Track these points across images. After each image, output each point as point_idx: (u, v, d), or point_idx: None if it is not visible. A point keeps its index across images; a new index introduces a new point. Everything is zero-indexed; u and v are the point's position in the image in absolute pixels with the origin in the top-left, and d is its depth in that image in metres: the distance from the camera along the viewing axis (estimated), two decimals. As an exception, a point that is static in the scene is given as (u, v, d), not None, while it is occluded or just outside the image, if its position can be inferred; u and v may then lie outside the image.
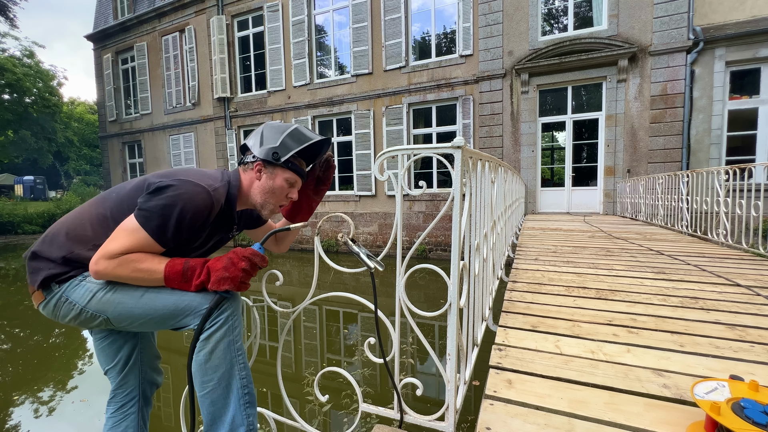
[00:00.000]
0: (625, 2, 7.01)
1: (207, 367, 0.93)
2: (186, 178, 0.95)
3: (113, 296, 0.93)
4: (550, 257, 2.93)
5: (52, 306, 0.95)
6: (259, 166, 1.08)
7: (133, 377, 1.15)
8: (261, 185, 1.09)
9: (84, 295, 0.93)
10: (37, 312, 0.96)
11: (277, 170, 1.08)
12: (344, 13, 9.80)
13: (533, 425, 0.87)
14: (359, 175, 9.67)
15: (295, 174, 1.11)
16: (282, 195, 1.11)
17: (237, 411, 0.94)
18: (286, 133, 1.08)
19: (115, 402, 1.14)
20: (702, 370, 1.10)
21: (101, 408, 2.99)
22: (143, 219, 0.90)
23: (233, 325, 0.96)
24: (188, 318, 0.94)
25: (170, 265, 0.92)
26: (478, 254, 1.32)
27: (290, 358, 3.83)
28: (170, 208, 0.90)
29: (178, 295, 0.94)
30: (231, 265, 0.92)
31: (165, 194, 0.91)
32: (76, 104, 35.05)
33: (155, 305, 0.94)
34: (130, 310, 0.94)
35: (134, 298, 0.94)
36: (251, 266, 0.93)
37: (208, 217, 0.98)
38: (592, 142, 7.87)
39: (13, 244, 13.05)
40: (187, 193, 0.92)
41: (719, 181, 3.81)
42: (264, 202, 1.10)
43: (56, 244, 0.96)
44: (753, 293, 1.89)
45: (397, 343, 1.05)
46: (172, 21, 12.38)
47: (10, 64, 20.51)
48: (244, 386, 0.97)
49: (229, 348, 0.94)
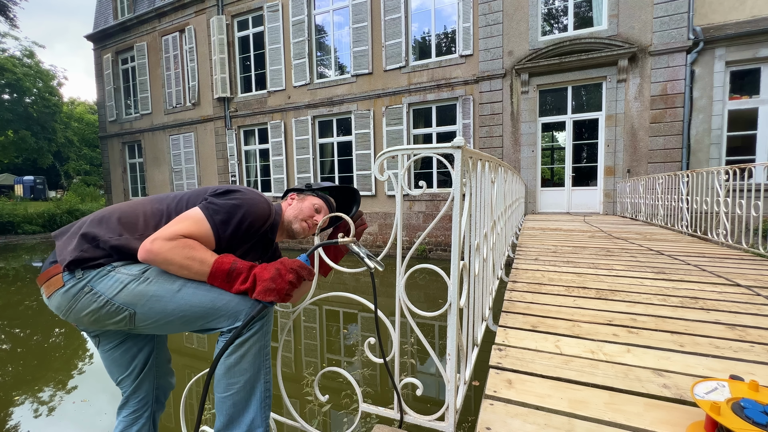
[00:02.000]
0: (625, 2, 7.01)
1: (235, 370, 0.93)
2: (251, 191, 1.06)
3: (147, 287, 0.88)
4: (550, 257, 2.92)
5: (72, 294, 0.88)
6: (293, 195, 1.26)
7: (148, 383, 1.11)
8: (293, 207, 1.22)
9: (113, 286, 0.87)
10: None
11: (307, 196, 1.24)
12: (344, 13, 9.80)
13: (533, 425, 0.87)
14: (359, 175, 9.67)
15: (321, 201, 1.23)
16: (308, 215, 1.19)
17: (257, 414, 0.96)
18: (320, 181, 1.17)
19: (128, 407, 1.10)
20: (702, 370, 1.10)
21: (102, 407, 2.99)
22: (210, 211, 0.95)
23: (266, 331, 0.98)
24: (220, 320, 0.92)
25: (219, 261, 0.92)
26: (478, 254, 1.32)
27: (290, 358, 3.83)
28: (237, 208, 0.98)
29: (216, 293, 0.92)
30: (278, 277, 0.91)
31: (234, 196, 1.00)
32: (76, 104, 35.04)
33: (192, 301, 0.90)
34: (163, 305, 0.89)
35: (170, 293, 0.89)
36: (297, 279, 0.94)
37: (262, 227, 1.06)
38: (592, 142, 7.87)
39: (13, 244, 13.05)
40: (253, 200, 1.02)
41: (719, 181, 3.81)
42: (293, 219, 1.19)
43: (107, 226, 0.94)
44: (753, 293, 1.89)
45: (397, 343, 1.05)
46: (172, 21, 12.38)
47: (10, 64, 20.53)
48: (267, 390, 0.99)
49: (259, 353, 0.97)
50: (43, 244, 13.10)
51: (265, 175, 11.36)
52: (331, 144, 10.29)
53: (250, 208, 1.00)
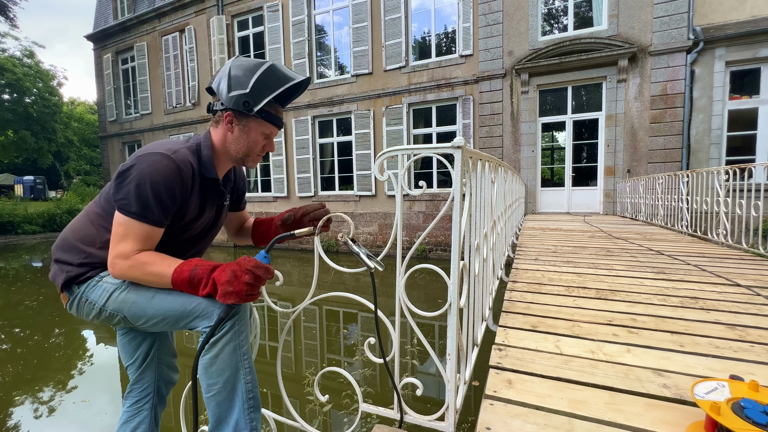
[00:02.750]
0: (625, 2, 7.01)
1: (212, 370, 0.92)
2: (144, 152, 0.92)
3: (127, 296, 0.95)
4: (550, 257, 2.92)
5: (76, 305, 0.99)
6: (230, 118, 1.00)
7: (149, 374, 1.17)
8: (235, 138, 1.02)
9: (101, 295, 0.95)
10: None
11: (251, 122, 1.01)
12: (344, 13, 9.80)
13: (533, 425, 0.87)
14: (359, 175, 9.67)
15: (271, 125, 1.03)
16: (258, 148, 1.05)
17: (241, 415, 0.94)
18: (258, 76, 0.96)
19: (132, 396, 1.17)
20: (702, 370, 1.10)
21: (103, 407, 2.99)
22: (124, 209, 0.89)
23: (239, 330, 0.94)
24: (197, 320, 0.93)
25: (178, 271, 0.90)
26: (478, 254, 1.32)
27: (290, 358, 3.83)
28: (141, 186, 0.88)
29: (186, 297, 0.93)
30: (234, 279, 0.86)
31: (130, 175, 0.88)
32: (76, 104, 35.05)
33: (165, 307, 0.94)
34: (143, 310, 0.95)
35: (146, 299, 0.94)
36: (255, 279, 0.87)
37: (183, 181, 0.93)
38: (592, 142, 7.87)
39: (13, 244, 13.05)
40: (149, 165, 0.89)
41: (719, 181, 3.81)
42: (243, 156, 1.05)
43: (70, 249, 0.99)
44: (753, 293, 1.89)
45: (397, 343, 1.05)
46: (172, 21, 12.38)
47: (10, 64, 20.52)
48: (249, 390, 0.96)
49: (234, 352, 0.93)
50: (43, 244, 13.10)
51: (265, 175, 11.36)
52: (331, 144, 10.29)
53: (153, 175, 0.88)
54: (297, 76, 1.01)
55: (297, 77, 1.01)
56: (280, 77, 0.98)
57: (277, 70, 0.98)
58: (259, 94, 0.96)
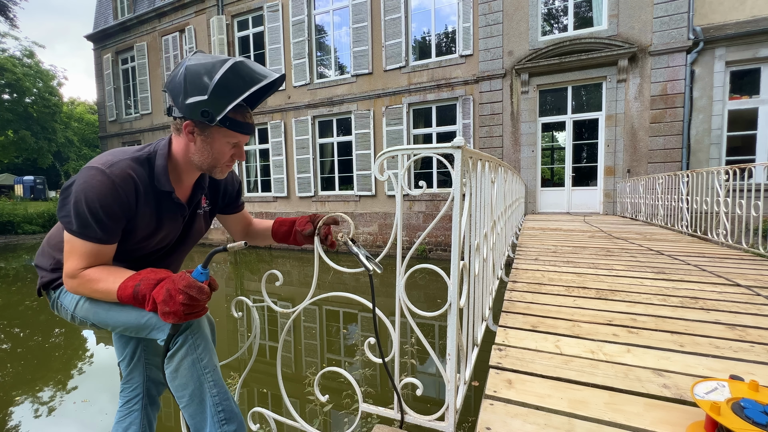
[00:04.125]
0: (625, 2, 7.01)
1: (176, 385, 0.90)
2: (86, 166, 0.86)
3: (90, 306, 0.96)
4: (550, 257, 2.92)
5: (56, 308, 1.02)
6: (190, 128, 0.89)
7: (138, 374, 1.17)
8: (198, 149, 0.92)
9: (70, 303, 0.98)
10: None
11: (214, 132, 0.89)
12: (344, 13, 9.80)
13: (533, 425, 0.87)
14: (359, 175, 9.67)
15: (239, 133, 0.92)
16: (225, 158, 0.95)
17: (212, 428, 0.91)
18: (218, 79, 0.81)
19: (123, 395, 1.17)
20: (702, 370, 1.10)
21: (103, 407, 2.99)
22: (67, 226, 0.85)
23: (195, 343, 0.89)
24: (155, 332, 0.91)
25: (122, 288, 0.85)
26: (478, 254, 1.32)
27: (290, 358, 3.83)
28: (77, 204, 0.82)
29: (137, 311, 0.91)
30: (169, 299, 0.78)
31: (68, 192, 0.85)
32: (76, 104, 35.06)
33: (122, 320, 0.93)
34: (104, 321, 0.96)
35: (104, 310, 0.94)
36: (189, 299, 0.77)
37: (121, 197, 0.85)
38: (592, 142, 7.87)
39: (13, 244, 13.05)
40: (84, 182, 0.82)
41: (719, 181, 3.81)
42: (210, 167, 0.96)
43: (44, 254, 1.02)
44: (753, 293, 1.89)
45: (397, 344, 1.05)
46: (172, 21, 12.38)
47: (10, 64, 20.52)
48: (217, 404, 0.91)
49: (193, 366, 0.89)
50: (43, 244, 13.11)
51: (265, 175, 11.36)
52: (331, 144, 10.29)
53: (87, 193, 0.82)
54: (265, 76, 0.87)
55: (265, 78, 0.87)
56: (245, 78, 0.84)
57: (240, 70, 0.84)
58: (220, 101, 0.83)
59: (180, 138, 0.93)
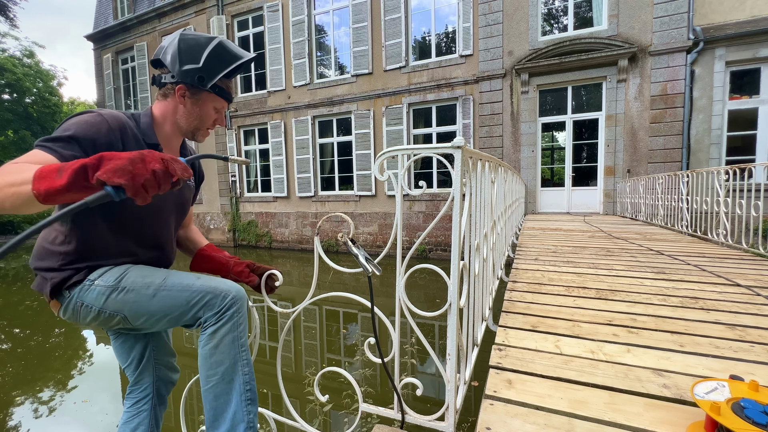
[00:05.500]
0: (625, 2, 7.01)
1: (211, 361, 0.94)
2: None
3: (126, 296, 0.94)
4: (550, 257, 2.93)
5: (71, 311, 0.96)
6: (182, 91, 0.98)
7: (148, 375, 1.17)
8: (188, 111, 1.01)
9: (97, 298, 0.94)
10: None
11: (203, 95, 1.00)
12: (344, 13, 9.80)
13: (533, 425, 0.87)
14: (359, 175, 9.67)
15: (222, 99, 1.04)
16: (209, 122, 1.05)
17: (238, 407, 0.95)
18: (209, 51, 0.96)
19: (131, 398, 1.16)
20: (702, 370, 1.10)
21: (103, 406, 2.99)
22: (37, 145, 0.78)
23: (238, 322, 0.96)
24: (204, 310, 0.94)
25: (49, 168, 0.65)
26: (478, 254, 1.32)
27: (290, 358, 3.83)
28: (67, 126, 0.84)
29: (188, 293, 0.94)
30: (140, 161, 0.63)
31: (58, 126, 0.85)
32: (77, 104, 35.04)
33: (168, 302, 0.94)
34: (145, 308, 0.94)
35: (147, 298, 0.94)
36: (164, 173, 0.65)
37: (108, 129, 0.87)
38: (592, 142, 7.87)
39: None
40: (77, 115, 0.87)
41: (719, 181, 3.81)
42: (194, 129, 1.04)
43: (45, 253, 0.96)
44: (753, 293, 1.89)
45: (397, 344, 1.05)
46: (172, 21, 12.37)
47: (10, 64, 20.52)
48: (246, 383, 0.97)
49: (233, 344, 0.95)
50: (43, 244, 13.11)
51: (265, 175, 11.35)
52: (331, 144, 10.29)
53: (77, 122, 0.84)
54: (246, 54, 1.03)
55: (247, 55, 1.03)
56: (230, 53, 1.00)
57: (227, 45, 1.00)
58: (212, 70, 0.97)
59: (166, 102, 1.01)
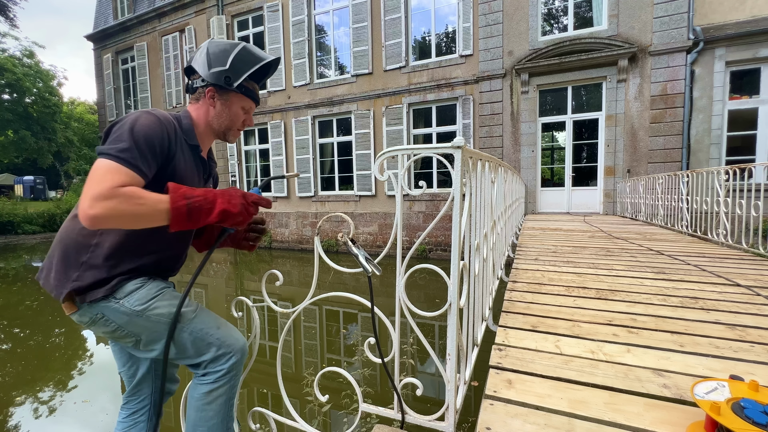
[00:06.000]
0: (625, 2, 7.01)
1: (202, 415, 1.00)
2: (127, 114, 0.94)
3: (148, 324, 0.96)
4: (550, 257, 2.92)
5: (88, 318, 0.95)
6: (212, 93, 1.03)
7: (147, 386, 1.15)
8: (217, 112, 1.06)
9: (120, 317, 0.95)
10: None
11: (231, 96, 1.05)
12: (344, 13, 9.79)
13: (533, 425, 0.87)
14: (359, 175, 9.67)
15: (250, 99, 1.09)
16: (239, 122, 1.09)
17: None
18: (235, 54, 1.02)
19: (128, 408, 1.14)
20: (702, 370, 1.10)
21: (103, 406, 2.99)
22: (104, 154, 0.83)
23: (234, 384, 1.04)
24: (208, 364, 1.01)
25: (174, 202, 0.84)
26: (478, 254, 1.32)
27: (290, 358, 3.83)
28: (122, 133, 0.86)
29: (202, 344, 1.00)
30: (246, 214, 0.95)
31: (115, 128, 0.89)
32: (76, 104, 35.05)
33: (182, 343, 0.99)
34: (161, 342, 0.98)
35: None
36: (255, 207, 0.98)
37: (165, 132, 0.92)
38: (592, 142, 7.87)
39: (13, 244, 13.05)
40: (131, 117, 0.90)
41: (719, 181, 3.81)
42: (225, 129, 1.09)
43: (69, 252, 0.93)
44: (753, 293, 1.89)
45: (397, 344, 1.05)
46: (172, 21, 12.37)
47: (10, 64, 20.53)
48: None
49: (226, 404, 1.02)
50: (43, 244, 13.10)
51: (265, 175, 11.35)
52: (331, 144, 10.28)
53: (135, 124, 0.87)
54: (269, 56, 1.09)
55: (269, 56, 1.09)
56: (255, 55, 1.06)
57: (251, 49, 1.06)
58: (238, 70, 1.02)
59: (198, 105, 1.06)
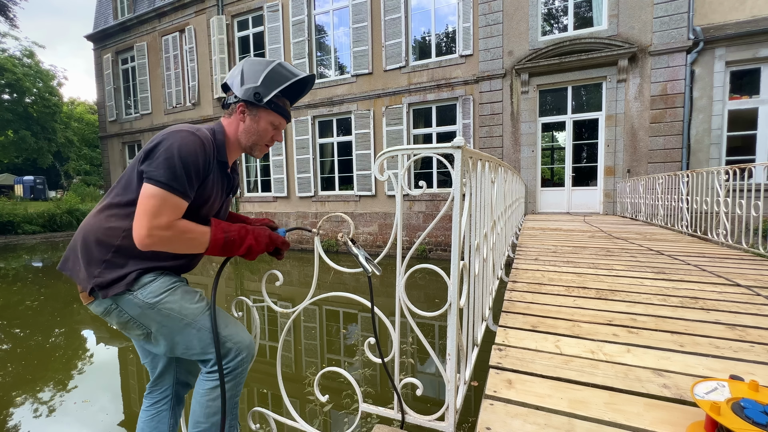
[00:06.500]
0: (625, 2, 7.01)
1: (206, 411, 1.03)
2: (170, 130, 0.97)
3: (159, 317, 1.00)
4: (550, 257, 2.92)
5: (103, 308, 1.00)
6: (242, 108, 1.07)
7: (168, 378, 1.20)
8: (246, 127, 1.09)
9: (133, 309, 1.00)
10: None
11: (260, 112, 1.08)
12: (344, 13, 9.79)
13: (533, 425, 0.87)
14: (359, 175, 9.67)
15: (279, 116, 1.11)
16: (267, 137, 1.11)
17: None
18: (267, 71, 1.05)
19: (151, 397, 1.20)
20: (702, 370, 1.10)
21: (103, 406, 2.99)
22: (154, 179, 0.91)
23: (239, 381, 1.07)
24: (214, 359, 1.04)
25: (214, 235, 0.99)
26: (478, 254, 1.32)
27: (290, 358, 3.83)
28: (170, 158, 0.91)
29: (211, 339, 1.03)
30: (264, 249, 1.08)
31: (159, 149, 0.93)
32: (76, 104, 35.05)
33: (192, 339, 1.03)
34: (171, 335, 1.02)
35: (177, 328, 1.02)
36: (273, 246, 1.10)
37: (205, 156, 0.99)
38: (592, 142, 7.87)
39: (13, 244, 13.05)
40: (177, 139, 0.94)
41: (719, 181, 3.81)
42: (253, 145, 1.11)
43: (91, 248, 0.98)
44: (753, 293, 1.89)
45: (397, 344, 1.05)
46: (172, 21, 12.37)
47: (10, 64, 20.54)
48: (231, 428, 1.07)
49: (230, 401, 1.05)
50: (43, 244, 13.10)
51: (265, 175, 11.35)
52: (331, 144, 10.28)
53: (180, 147, 0.93)
54: (302, 73, 1.11)
55: (302, 73, 1.11)
56: (287, 73, 1.08)
57: (285, 67, 1.08)
58: (268, 87, 1.05)
59: (230, 120, 1.09)
